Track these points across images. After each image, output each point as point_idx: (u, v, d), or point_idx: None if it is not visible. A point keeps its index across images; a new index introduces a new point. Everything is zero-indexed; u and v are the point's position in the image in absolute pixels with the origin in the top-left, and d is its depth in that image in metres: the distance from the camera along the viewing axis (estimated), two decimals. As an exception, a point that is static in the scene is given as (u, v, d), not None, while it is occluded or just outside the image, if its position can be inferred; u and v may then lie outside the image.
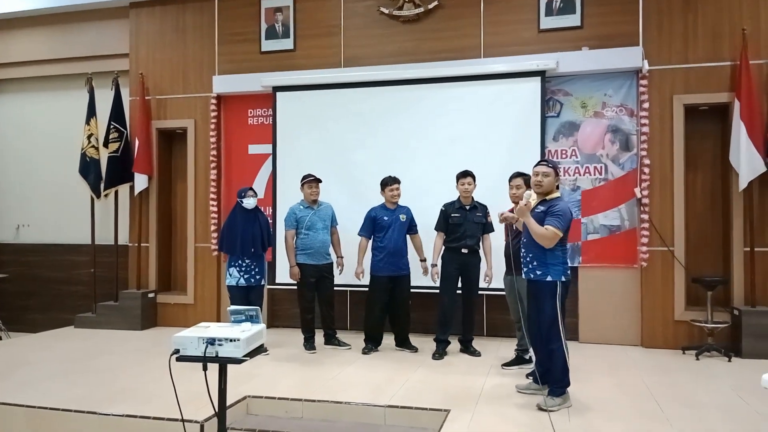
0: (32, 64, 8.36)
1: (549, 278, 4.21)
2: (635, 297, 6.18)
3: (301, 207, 6.03)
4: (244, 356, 3.02)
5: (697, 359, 5.55)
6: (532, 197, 4.29)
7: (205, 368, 2.98)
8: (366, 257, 6.00)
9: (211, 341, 2.98)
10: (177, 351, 3.02)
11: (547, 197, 4.30)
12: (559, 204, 4.23)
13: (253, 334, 3.13)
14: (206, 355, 2.97)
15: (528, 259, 4.32)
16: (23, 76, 8.51)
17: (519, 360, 5.25)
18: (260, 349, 3.23)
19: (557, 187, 4.39)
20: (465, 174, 5.70)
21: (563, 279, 4.23)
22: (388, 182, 5.93)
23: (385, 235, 5.90)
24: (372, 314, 5.97)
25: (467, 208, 5.72)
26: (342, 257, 6.16)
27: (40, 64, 8.33)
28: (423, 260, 5.98)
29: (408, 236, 6.01)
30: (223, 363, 3.04)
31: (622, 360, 5.61)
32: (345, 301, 6.90)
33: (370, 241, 5.98)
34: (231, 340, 2.98)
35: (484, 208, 5.78)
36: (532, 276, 4.30)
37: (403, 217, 5.93)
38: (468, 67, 6.48)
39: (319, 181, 6.02)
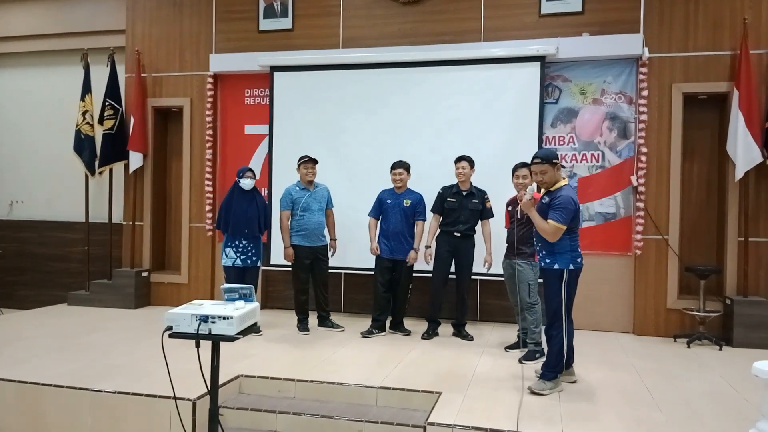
0: (28, 38, 8.26)
1: (556, 266, 4.22)
2: (628, 284, 6.20)
3: (297, 188, 6.00)
4: (237, 334, 3.02)
5: (689, 347, 5.59)
6: (534, 191, 4.36)
7: (197, 345, 2.98)
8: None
9: (204, 318, 2.98)
10: (170, 328, 3.01)
11: (552, 188, 4.29)
12: (562, 194, 4.18)
13: (247, 312, 3.12)
14: (199, 332, 2.96)
15: (538, 247, 4.38)
16: (18, 50, 8.41)
17: (522, 343, 5.27)
18: (253, 327, 3.23)
19: (561, 170, 4.38)
20: (460, 158, 5.70)
21: (571, 267, 4.22)
22: (393, 166, 5.92)
23: (386, 218, 5.91)
24: (375, 295, 5.99)
25: (464, 193, 5.71)
26: (335, 239, 6.15)
27: (36, 39, 8.23)
28: (414, 249, 5.86)
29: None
30: (216, 340, 3.04)
31: (614, 347, 5.64)
32: (339, 283, 6.90)
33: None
34: (224, 318, 2.98)
35: (483, 193, 5.76)
36: (542, 264, 4.36)
37: (406, 202, 5.89)
38: (468, 51, 6.43)
39: (316, 162, 5.99)
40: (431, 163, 6.33)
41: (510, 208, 5.33)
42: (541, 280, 4.61)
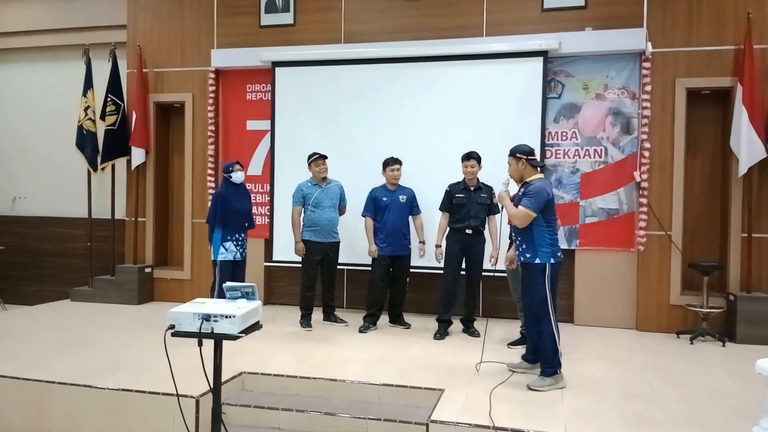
0: (28, 34, 8.23)
1: (537, 260, 4.25)
2: (631, 280, 6.19)
3: (309, 184, 6.02)
4: (240, 333, 3.02)
5: (692, 343, 5.58)
6: (510, 184, 4.45)
7: (200, 344, 2.97)
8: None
9: (207, 317, 2.97)
10: (172, 326, 3.01)
11: (527, 180, 4.36)
12: (533, 184, 4.28)
13: (249, 311, 3.12)
14: (201, 331, 2.96)
15: (518, 242, 4.40)
16: (19, 46, 8.37)
17: (525, 339, 5.27)
18: (256, 326, 3.23)
19: (539, 170, 4.44)
20: (469, 156, 5.67)
21: (552, 261, 4.25)
22: (389, 162, 5.94)
23: (384, 215, 5.91)
24: (371, 292, 6.02)
25: (471, 189, 5.71)
26: (423, 242, 5.99)
27: (37, 34, 8.19)
28: (422, 242, 5.98)
29: (411, 217, 6.02)
30: (219, 339, 3.04)
31: (617, 343, 5.63)
32: (342, 279, 6.89)
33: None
34: (227, 317, 2.97)
35: (489, 189, 5.74)
36: (522, 259, 4.37)
37: (402, 198, 5.93)
38: (470, 46, 6.40)
39: (325, 157, 5.99)
40: (434, 157, 6.34)
41: (512, 204, 5.32)
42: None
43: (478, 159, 5.67)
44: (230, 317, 2.97)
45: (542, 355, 4.33)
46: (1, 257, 8.06)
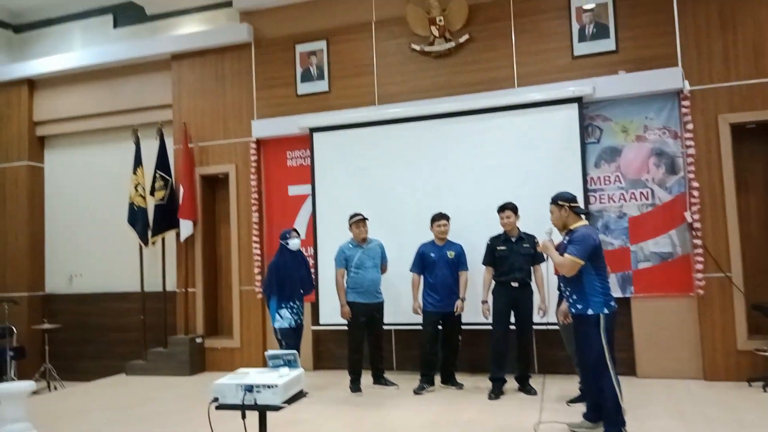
0: (80, 119, 8.70)
1: (590, 311, 4.08)
2: (693, 327, 5.88)
3: (350, 245, 6.03)
4: (283, 403, 2.98)
5: (765, 391, 5.21)
6: (553, 233, 4.38)
7: (243, 417, 2.94)
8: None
9: (249, 388, 2.95)
10: (216, 399, 3.00)
11: (571, 227, 4.27)
12: (578, 231, 4.21)
13: (292, 380, 3.09)
14: (245, 403, 2.93)
15: (568, 292, 4.25)
16: (72, 131, 8.83)
17: (585, 396, 5.02)
18: (300, 395, 3.18)
19: (582, 216, 4.37)
20: (503, 208, 5.60)
21: (606, 311, 4.07)
22: (436, 218, 5.92)
23: (432, 271, 5.84)
24: (424, 350, 5.88)
25: (513, 240, 5.60)
26: (463, 299, 5.84)
27: (88, 119, 8.65)
28: (461, 299, 5.82)
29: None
30: (262, 410, 3.00)
31: (684, 395, 5.30)
32: (390, 339, 6.78)
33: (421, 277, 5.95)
34: (269, 387, 2.95)
35: (532, 238, 5.62)
36: (573, 310, 4.22)
37: (450, 254, 5.85)
38: (503, 98, 6.43)
39: (366, 219, 6.02)
40: (473, 212, 6.26)
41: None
42: None
43: (514, 209, 5.59)
44: (272, 387, 2.94)
45: (604, 413, 4.10)
46: (59, 335, 8.26)
